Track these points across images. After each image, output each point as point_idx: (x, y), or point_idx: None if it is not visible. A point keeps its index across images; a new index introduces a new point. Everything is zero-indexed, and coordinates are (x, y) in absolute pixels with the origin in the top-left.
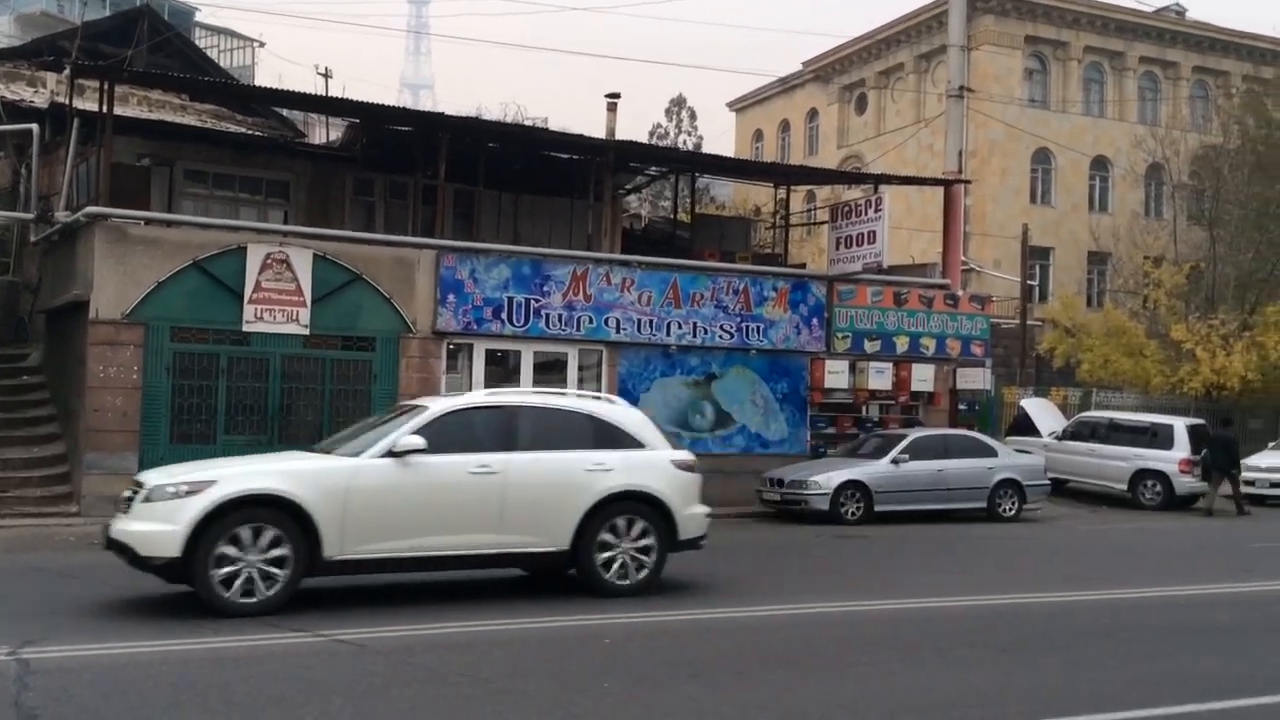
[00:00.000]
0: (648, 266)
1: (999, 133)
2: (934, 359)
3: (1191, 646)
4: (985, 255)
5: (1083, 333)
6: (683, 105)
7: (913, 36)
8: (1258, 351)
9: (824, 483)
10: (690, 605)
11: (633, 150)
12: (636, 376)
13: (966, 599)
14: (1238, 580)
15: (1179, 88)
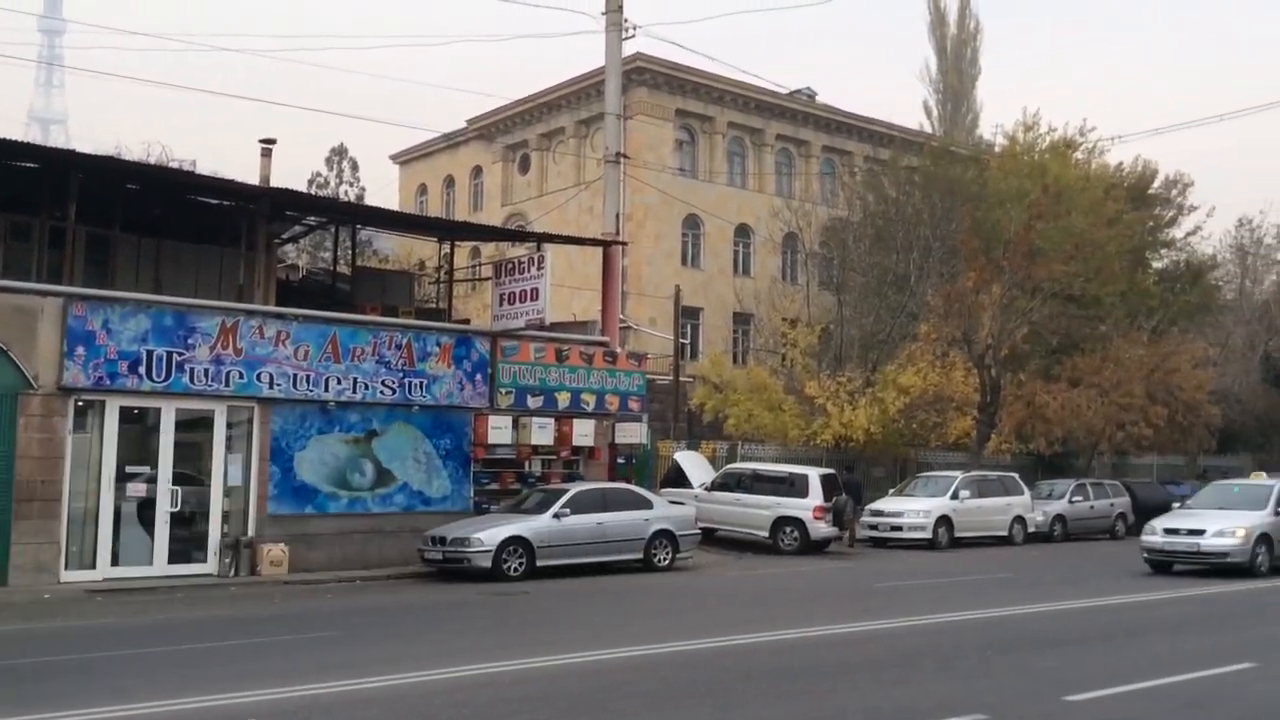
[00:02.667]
0: (305, 319)
1: (653, 198)
2: (594, 414)
3: (828, 685)
4: (641, 314)
5: (729, 389)
6: (344, 155)
7: (573, 102)
8: (879, 406)
9: (487, 540)
10: (339, 676)
11: (289, 198)
12: (292, 434)
13: (623, 650)
14: (861, 620)
15: (810, 164)
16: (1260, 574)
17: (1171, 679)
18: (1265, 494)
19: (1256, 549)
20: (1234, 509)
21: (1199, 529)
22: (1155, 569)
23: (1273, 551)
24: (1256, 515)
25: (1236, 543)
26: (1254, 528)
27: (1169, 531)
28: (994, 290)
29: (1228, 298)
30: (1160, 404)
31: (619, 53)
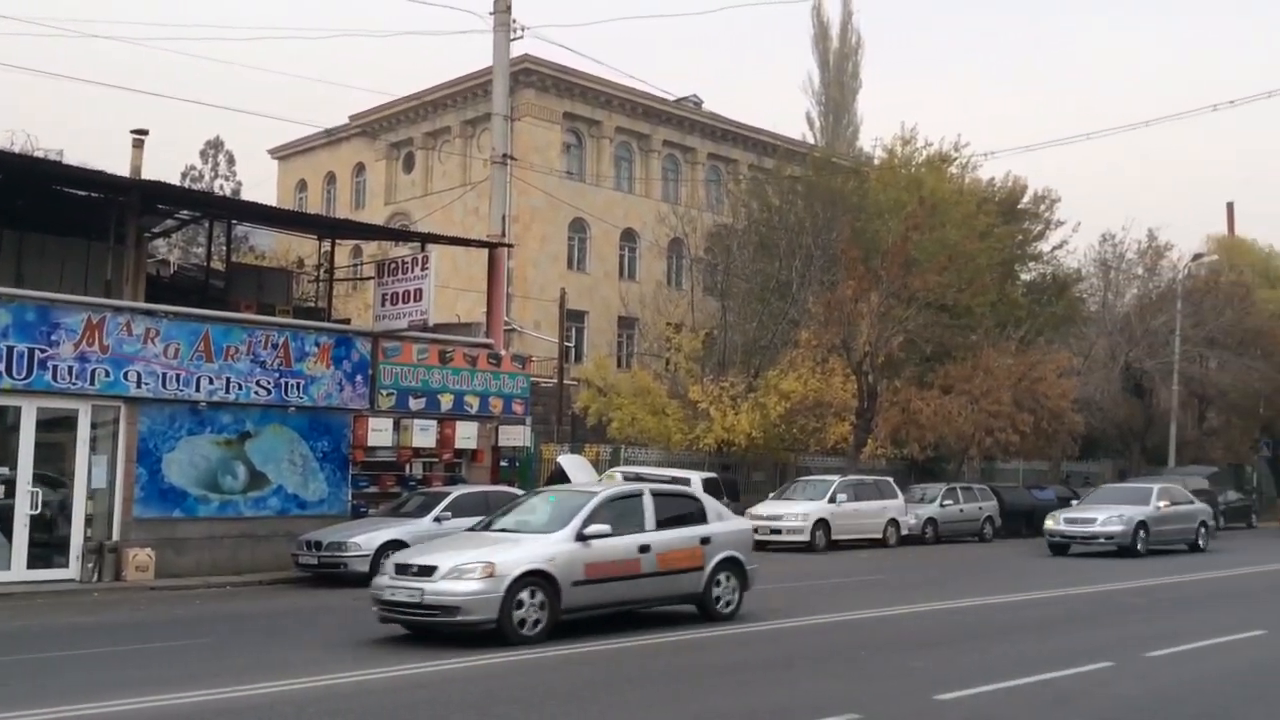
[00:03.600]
0: (176, 316)
1: (540, 201)
2: (477, 417)
3: (706, 686)
4: (526, 316)
5: (613, 392)
6: (220, 148)
7: (460, 102)
8: (760, 411)
9: (364, 544)
10: (207, 685)
11: (161, 191)
12: (160, 435)
13: (502, 654)
14: (743, 621)
15: (696, 171)
16: (1139, 554)
17: (1037, 677)
18: (1147, 493)
19: (1137, 533)
20: (1121, 504)
21: (1090, 517)
22: (1055, 550)
23: (1149, 536)
24: (1140, 509)
25: (1121, 528)
26: (1134, 517)
27: (1069, 521)
28: (872, 299)
29: (1091, 310)
30: (1027, 411)
31: (507, 53)
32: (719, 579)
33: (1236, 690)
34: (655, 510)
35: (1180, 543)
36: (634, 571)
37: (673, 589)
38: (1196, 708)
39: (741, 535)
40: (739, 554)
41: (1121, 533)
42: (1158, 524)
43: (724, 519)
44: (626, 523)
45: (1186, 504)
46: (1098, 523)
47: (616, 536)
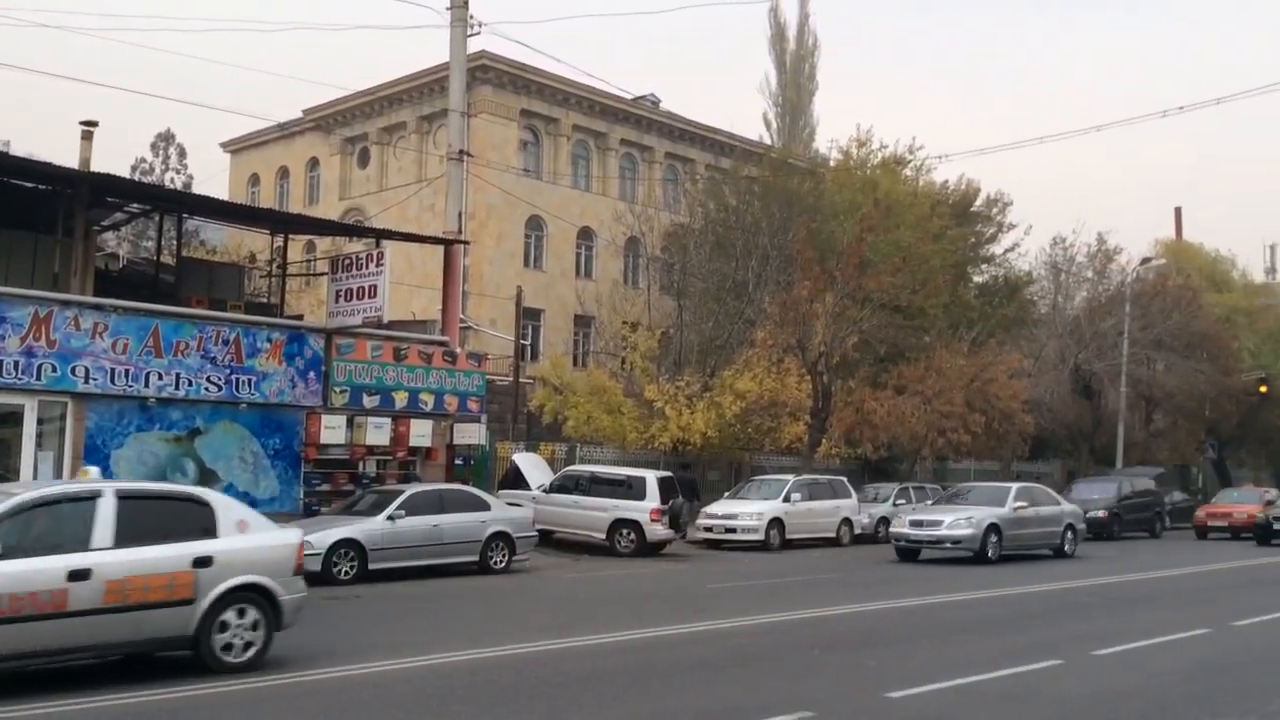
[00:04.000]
0: (125, 311)
1: (496, 198)
2: (432, 414)
3: (661, 686)
4: (482, 314)
5: (569, 391)
6: (171, 141)
7: (416, 97)
8: (716, 410)
9: (316, 542)
10: (150, 686)
11: (111, 183)
12: (109, 432)
13: (456, 654)
14: (694, 620)
15: (653, 170)
16: (990, 560)
17: (986, 675)
18: (1004, 493)
19: (988, 537)
20: (975, 505)
21: (938, 519)
22: (903, 556)
23: (1003, 540)
24: (992, 510)
25: (970, 532)
26: (984, 519)
27: (915, 524)
28: (827, 299)
29: (1042, 312)
30: (978, 412)
31: (464, 49)
32: (226, 617)
33: None
34: (118, 521)
35: (1044, 548)
36: (60, 608)
37: (136, 631)
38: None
39: (274, 553)
40: (267, 580)
41: (969, 537)
42: (1013, 527)
43: (251, 531)
44: (56, 539)
45: (1051, 505)
46: (944, 525)
47: (29, 558)
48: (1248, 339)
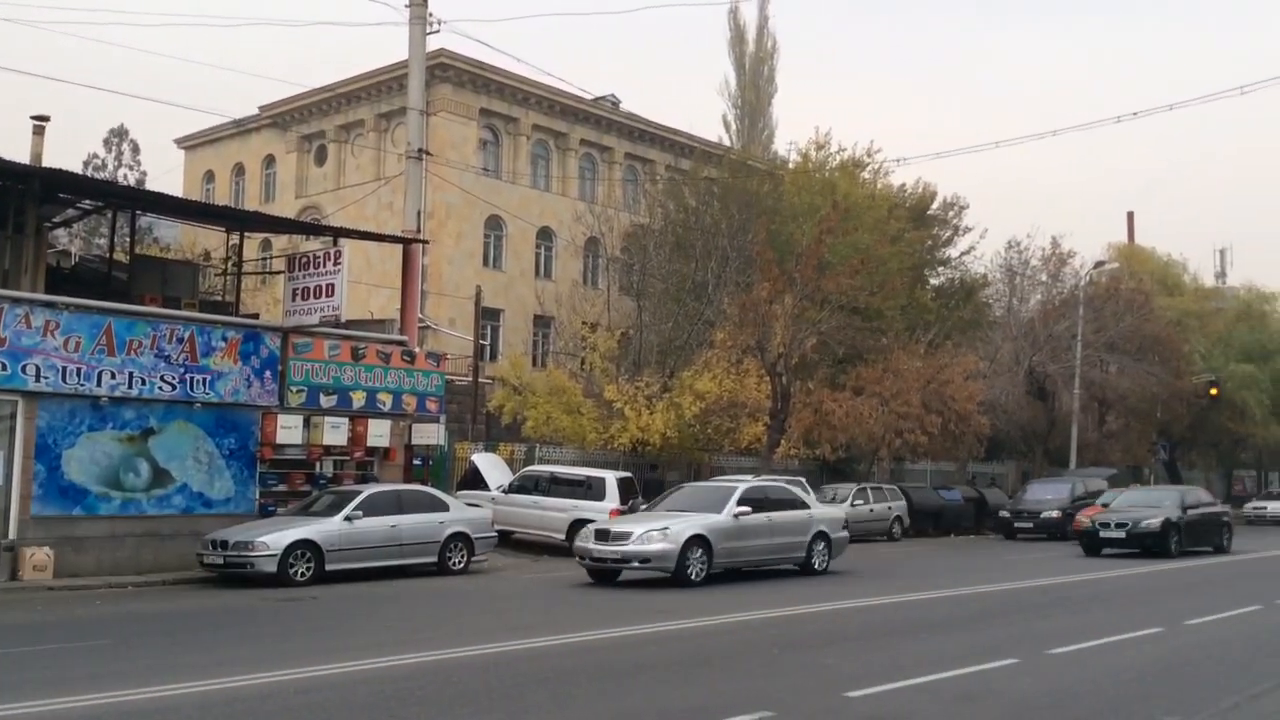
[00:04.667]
0: (77, 308)
1: (455, 197)
2: (390, 414)
3: (621, 686)
4: (441, 314)
5: (528, 391)
6: (124, 136)
7: (374, 95)
8: (675, 411)
9: (272, 543)
10: (107, 687)
11: (62, 179)
12: (60, 431)
13: (415, 656)
14: (655, 621)
15: (613, 170)
16: (694, 582)
17: (944, 674)
18: (726, 495)
19: (685, 555)
20: (688, 511)
21: (626, 532)
22: (596, 578)
23: (714, 557)
24: (705, 519)
25: (665, 547)
26: (684, 532)
27: (604, 535)
28: (786, 301)
29: (997, 315)
30: (935, 413)
31: (423, 47)
32: None
33: None
34: None
35: (784, 563)
36: None
37: None
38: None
39: None
40: None
41: (662, 553)
42: (732, 539)
43: None
44: None
45: (793, 510)
46: (631, 539)
47: None
48: (1198, 342)
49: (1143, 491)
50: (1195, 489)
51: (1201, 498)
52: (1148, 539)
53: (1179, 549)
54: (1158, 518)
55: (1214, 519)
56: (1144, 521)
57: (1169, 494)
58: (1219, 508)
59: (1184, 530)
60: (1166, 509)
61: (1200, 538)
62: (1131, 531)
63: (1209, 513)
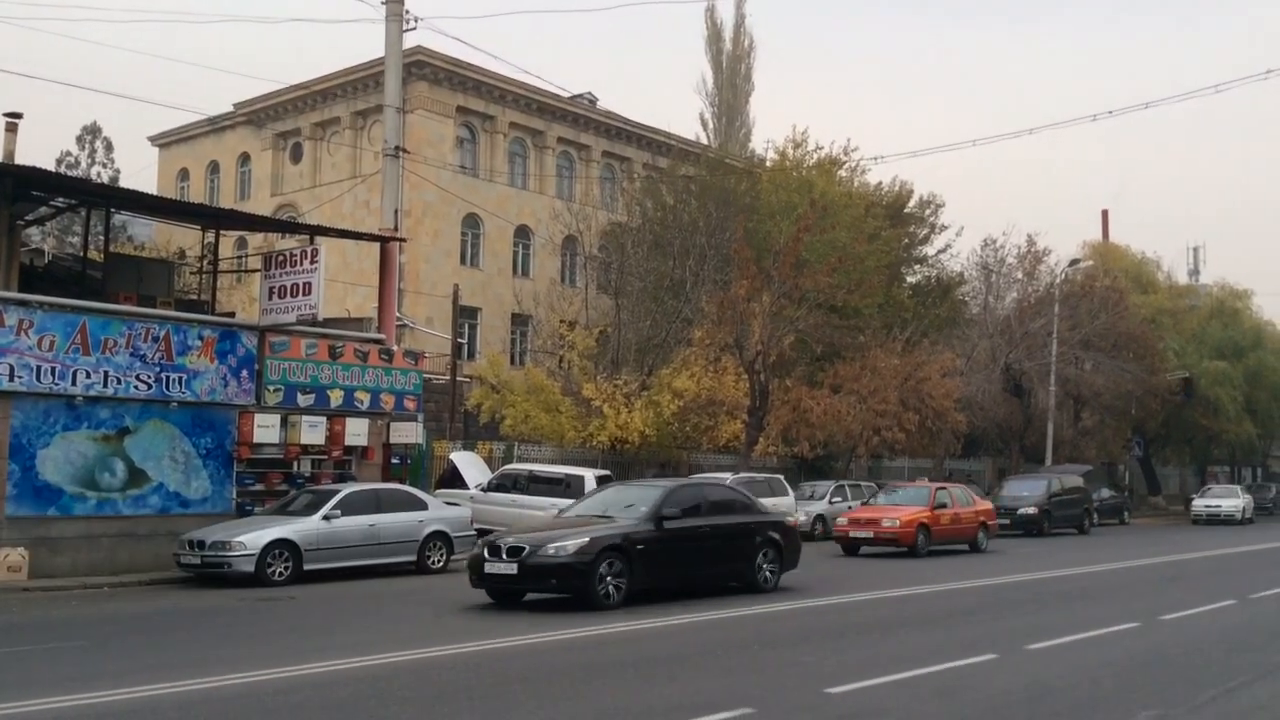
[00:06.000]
0: (51, 307)
1: (432, 195)
2: (368, 413)
3: (602, 684)
4: (419, 312)
5: (507, 389)
6: (97, 134)
7: (350, 92)
8: (654, 409)
9: (250, 543)
10: (82, 689)
11: (35, 176)
12: (34, 431)
13: (394, 655)
14: (635, 619)
15: (591, 168)
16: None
17: (923, 670)
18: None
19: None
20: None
21: None
22: None
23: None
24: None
25: None
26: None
27: None
28: (764, 299)
29: (973, 312)
30: (912, 410)
31: (399, 44)
32: None
33: None
34: None
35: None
36: None
37: None
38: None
39: None
40: None
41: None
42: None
43: None
44: None
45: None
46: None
47: None
48: (1172, 339)
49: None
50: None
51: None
52: None
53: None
54: None
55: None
56: None
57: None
58: None
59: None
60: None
61: None
62: None
63: None
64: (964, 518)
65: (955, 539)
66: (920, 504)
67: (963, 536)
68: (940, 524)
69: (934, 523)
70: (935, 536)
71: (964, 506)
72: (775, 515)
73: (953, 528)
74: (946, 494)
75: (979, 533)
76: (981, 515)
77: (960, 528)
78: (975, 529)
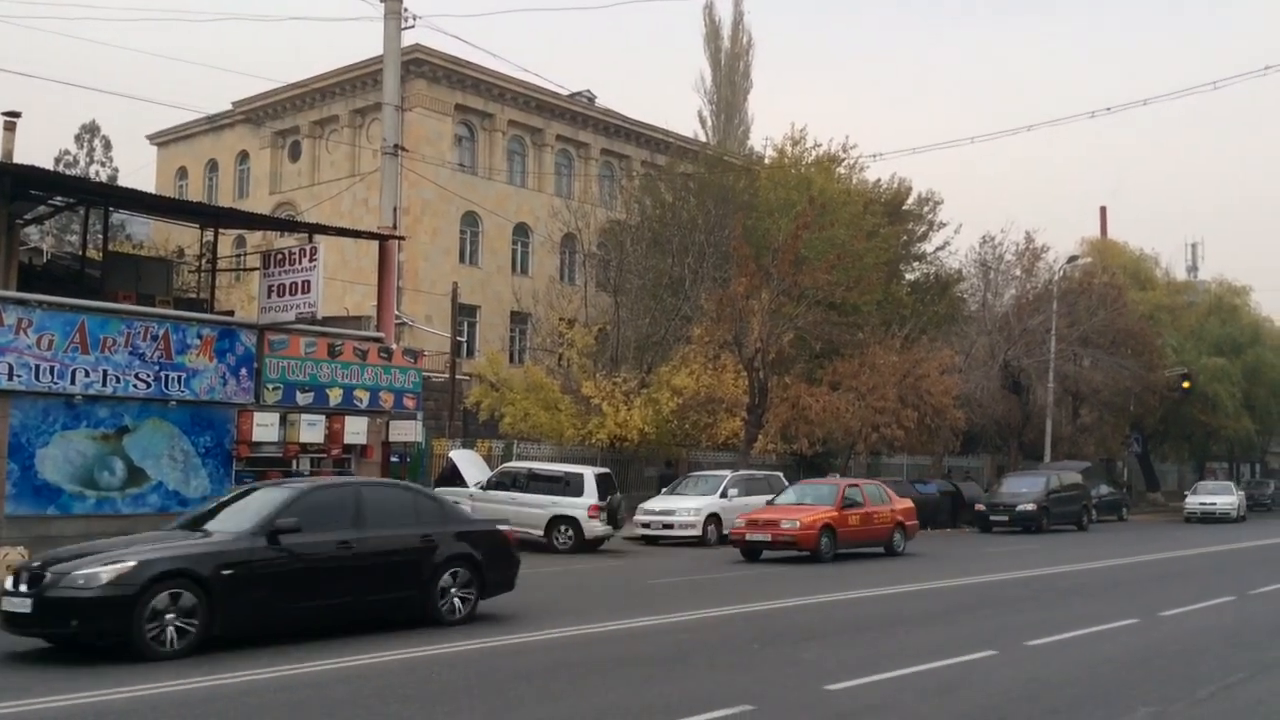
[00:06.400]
0: (50, 306)
1: (431, 193)
2: (368, 411)
3: (603, 681)
4: (417, 310)
5: (506, 387)
6: (96, 133)
7: (348, 90)
8: (653, 406)
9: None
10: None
11: (34, 175)
12: (34, 430)
13: (393, 653)
14: (635, 616)
15: (589, 166)
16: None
17: (923, 667)
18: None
19: (708, 525)
20: (698, 494)
21: (671, 509)
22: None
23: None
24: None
25: (693, 518)
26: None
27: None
28: (763, 296)
29: (972, 309)
30: (911, 407)
31: (398, 42)
32: None
33: None
34: None
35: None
36: None
37: None
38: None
39: None
40: None
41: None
42: None
43: None
44: None
45: None
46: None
47: None
48: (1171, 336)
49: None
50: None
51: None
52: None
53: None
54: None
55: None
56: None
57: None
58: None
59: None
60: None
61: None
62: None
63: None
64: (878, 518)
65: (867, 541)
66: (826, 503)
67: (875, 539)
68: (848, 525)
69: (841, 524)
70: (842, 539)
71: (878, 505)
72: (478, 524)
73: (863, 529)
74: (858, 491)
75: (894, 534)
76: (899, 515)
77: (872, 529)
78: (889, 530)
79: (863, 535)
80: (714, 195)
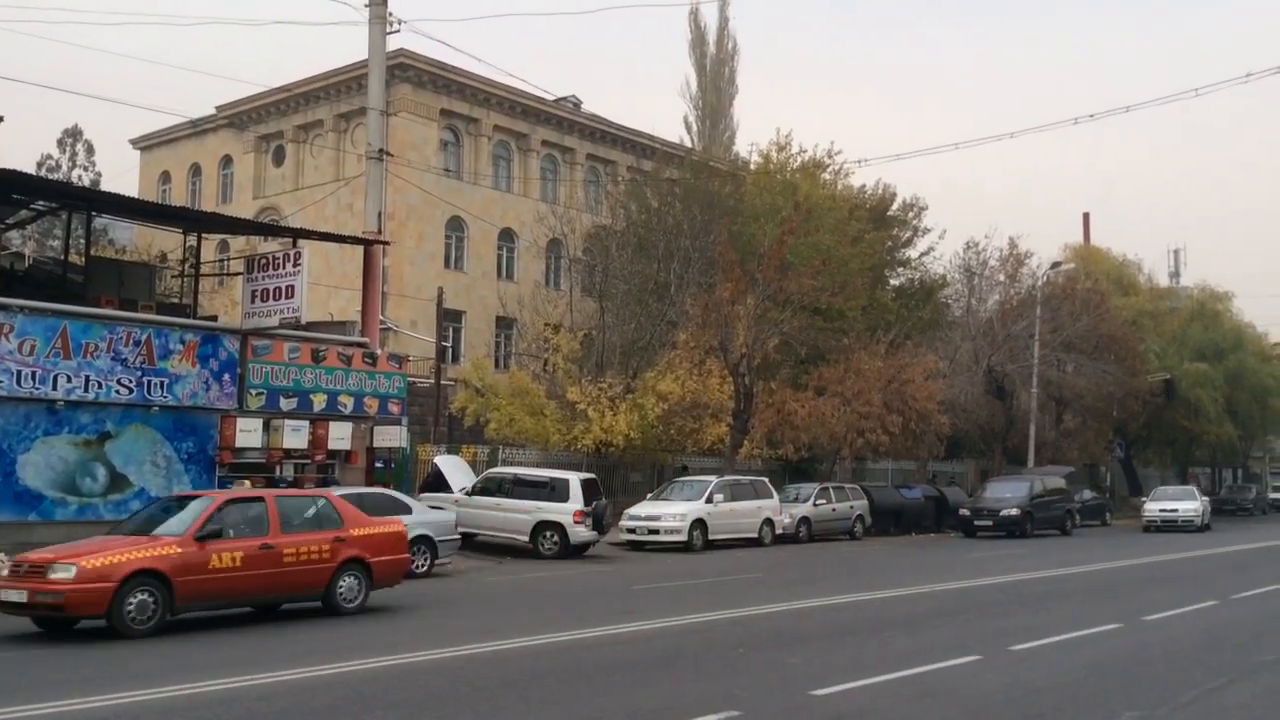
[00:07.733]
0: (31, 311)
1: (416, 198)
2: (352, 417)
3: (589, 688)
4: (402, 315)
5: (491, 393)
6: (78, 137)
7: (333, 95)
8: (639, 412)
9: None
10: (50, 695)
11: (15, 179)
12: (15, 435)
13: (377, 660)
14: (620, 622)
15: (575, 171)
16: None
17: (908, 671)
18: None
19: (694, 530)
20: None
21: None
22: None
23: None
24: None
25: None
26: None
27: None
28: (748, 301)
29: (956, 315)
30: (896, 413)
31: (383, 47)
32: None
33: None
34: None
35: None
36: None
37: None
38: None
39: None
40: None
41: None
42: None
43: None
44: None
45: None
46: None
47: None
48: (1153, 341)
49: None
50: None
51: None
52: None
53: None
54: None
55: None
56: None
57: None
58: None
59: None
60: None
61: None
62: None
63: None
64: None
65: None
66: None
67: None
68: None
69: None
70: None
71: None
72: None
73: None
74: None
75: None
76: (354, 547)
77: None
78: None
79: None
80: (699, 200)
